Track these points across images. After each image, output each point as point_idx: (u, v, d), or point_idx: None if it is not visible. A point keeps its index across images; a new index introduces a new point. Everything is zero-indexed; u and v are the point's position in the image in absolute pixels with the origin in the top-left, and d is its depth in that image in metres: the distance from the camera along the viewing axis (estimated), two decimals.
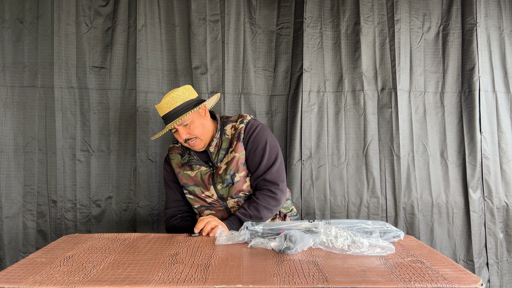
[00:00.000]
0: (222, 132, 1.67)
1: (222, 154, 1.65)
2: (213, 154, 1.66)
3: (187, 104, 1.61)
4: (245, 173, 1.64)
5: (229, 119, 1.71)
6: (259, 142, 1.62)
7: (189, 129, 1.60)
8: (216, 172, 1.65)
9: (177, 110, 1.59)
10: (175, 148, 1.78)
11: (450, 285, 0.93)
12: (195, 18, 2.14)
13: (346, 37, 2.21)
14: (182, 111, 1.59)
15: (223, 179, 1.62)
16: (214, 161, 1.66)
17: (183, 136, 1.60)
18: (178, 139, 1.66)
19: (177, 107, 1.60)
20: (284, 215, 1.77)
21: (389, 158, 2.18)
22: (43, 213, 2.06)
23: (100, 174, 2.10)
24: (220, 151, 1.65)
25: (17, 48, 2.05)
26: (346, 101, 2.20)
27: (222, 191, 1.65)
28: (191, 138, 1.61)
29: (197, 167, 1.67)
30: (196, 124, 1.60)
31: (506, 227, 2.23)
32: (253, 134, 1.62)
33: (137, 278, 0.99)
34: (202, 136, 1.63)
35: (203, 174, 1.67)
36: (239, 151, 1.62)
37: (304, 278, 0.98)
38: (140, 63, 2.09)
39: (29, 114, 2.06)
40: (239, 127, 1.64)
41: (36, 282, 0.97)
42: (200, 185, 1.68)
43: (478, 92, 2.20)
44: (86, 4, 2.09)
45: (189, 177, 1.69)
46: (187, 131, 1.59)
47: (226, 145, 1.65)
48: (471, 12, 2.23)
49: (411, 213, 2.19)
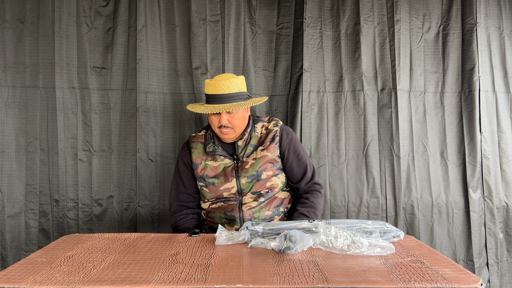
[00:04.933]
0: (253, 129, 1.71)
1: (250, 150, 1.68)
2: (240, 148, 1.69)
3: (241, 94, 1.65)
4: (272, 173, 1.67)
5: (260, 118, 1.77)
6: (299, 150, 1.73)
7: (232, 118, 1.61)
8: (242, 166, 1.67)
9: (232, 96, 1.61)
10: (197, 137, 1.77)
11: (450, 285, 0.94)
12: (195, 19, 2.15)
13: (346, 37, 2.21)
14: (236, 99, 1.62)
15: (250, 174, 1.65)
16: (239, 154, 1.68)
17: (224, 121, 1.59)
18: (212, 122, 1.65)
19: (233, 93, 1.62)
20: None
21: (389, 158, 2.19)
22: (45, 212, 2.07)
23: (102, 174, 2.11)
24: (247, 146, 1.69)
25: (18, 49, 2.05)
26: (346, 101, 2.20)
27: (244, 185, 1.66)
28: (228, 127, 1.62)
29: (221, 158, 1.68)
30: (239, 116, 1.64)
31: (506, 227, 2.23)
32: (291, 141, 1.72)
33: (137, 278, 0.99)
34: (238, 129, 1.66)
35: (227, 166, 1.68)
36: (271, 151, 1.67)
37: (304, 278, 0.98)
38: (140, 64, 2.10)
39: (31, 114, 2.07)
40: (273, 129, 1.70)
41: (36, 282, 0.97)
42: (221, 177, 1.68)
43: (478, 92, 2.21)
44: (87, 4, 2.10)
45: (211, 168, 1.68)
46: (228, 119, 1.61)
47: (254, 142, 1.70)
48: (471, 12, 2.23)
49: (411, 213, 2.19)
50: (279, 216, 1.69)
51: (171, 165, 2.15)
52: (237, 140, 1.69)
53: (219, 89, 1.61)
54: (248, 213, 1.65)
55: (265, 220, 1.64)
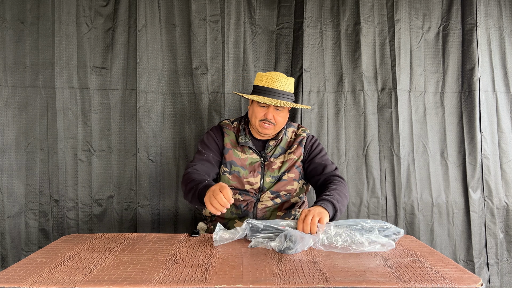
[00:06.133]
0: (285, 133, 1.76)
1: (278, 151, 1.73)
2: (270, 148, 1.72)
3: (292, 95, 1.72)
4: (294, 176, 1.70)
5: (291, 124, 1.82)
6: (321, 148, 1.78)
7: (277, 114, 1.66)
8: (269, 165, 1.70)
9: (286, 94, 1.67)
10: (229, 125, 1.77)
11: (450, 285, 0.94)
12: (195, 18, 2.15)
13: (346, 37, 2.21)
14: (288, 98, 1.68)
15: (275, 174, 1.69)
16: (268, 154, 1.71)
17: (269, 116, 1.64)
18: (257, 115, 1.66)
19: (287, 92, 1.68)
20: None
21: (389, 158, 2.19)
22: (45, 212, 2.07)
23: (101, 174, 2.11)
24: (277, 147, 1.73)
25: (18, 49, 2.05)
26: (346, 101, 2.20)
27: (267, 184, 1.69)
28: (271, 122, 1.65)
29: (249, 152, 1.70)
30: (284, 115, 1.69)
31: (506, 227, 2.23)
32: (315, 142, 1.78)
33: (137, 278, 0.99)
34: (278, 127, 1.70)
35: (254, 161, 1.70)
36: (297, 155, 1.71)
37: (304, 278, 0.98)
38: (140, 63, 2.10)
39: (31, 114, 2.07)
40: (301, 134, 1.76)
41: (37, 282, 0.97)
42: (246, 169, 1.69)
43: (478, 92, 2.21)
44: (87, 4, 2.10)
45: (238, 158, 1.70)
46: (274, 114, 1.65)
47: (284, 145, 1.74)
48: (471, 12, 2.23)
49: (411, 213, 2.19)
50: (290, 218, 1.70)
51: (171, 165, 2.15)
52: (270, 139, 1.73)
53: (277, 85, 1.66)
54: (262, 211, 1.66)
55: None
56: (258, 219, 1.61)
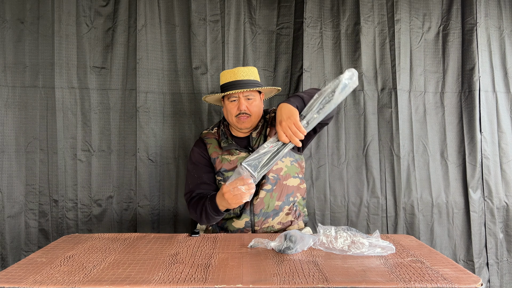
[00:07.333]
0: (264, 120, 1.76)
1: (262, 140, 1.71)
2: (255, 140, 1.71)
3: (257, 82, 1.72)
4: None
5: (267, 110, 1.81)
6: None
7: (249, 104, 1.66)
8: None
9: (250, 82, 1.67)
10: (210, 134, 1.78)
11: (450, 285, 0.94)
12: (195, 18, 2.15)
13: (346, 37, 2.21)
14: (254, 85, 1.68)
15: None
16: (254, 146, 1.70)
17: (242, 107, 1.63)
18: (231, 111, 1.66)
19: (251, 80, 1.68)
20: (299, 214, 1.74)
21: (389, 158, 2.19)
22: (45, 212, 2.07)
23: (101, 174, 2.11)
24: (261, 136, 1.72)
25: (18, 49, 2.05)
26: (346, 101, 2.20)
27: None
28: (246, 114, 1.65)
29: (237, 152, 1.69)
30: (256, 103, 1.68)
31: (506, 227, 2.23)
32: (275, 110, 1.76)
33: (137, 278, 0.99)
34: (255, 117, 1.68)
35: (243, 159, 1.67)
36: (273, 133, 1.69)
37: (304, 278, 0.98)
38: (140, 63, 2.10)
39: (31, 114, 2.06)
40: (272, 115, 1.75)
41: (37, 282, 0.97)
42: None
43: (478, 92, 2.21)
44: (87, 4, 2.10)
45: (228, 162, 1.69)
46: (247, 105, 1.65)
47: (265, 131, 1.74)
48: (471, 12, 2.23)
49: (411, 213, 2.19)
50: (289, 206, 1.67)
51: (171, 165, 2.15)
52: (251, 131, 1.72)
53: (238, 75, 1.67)
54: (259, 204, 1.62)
55: (274, 211, 1.64)
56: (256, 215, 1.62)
